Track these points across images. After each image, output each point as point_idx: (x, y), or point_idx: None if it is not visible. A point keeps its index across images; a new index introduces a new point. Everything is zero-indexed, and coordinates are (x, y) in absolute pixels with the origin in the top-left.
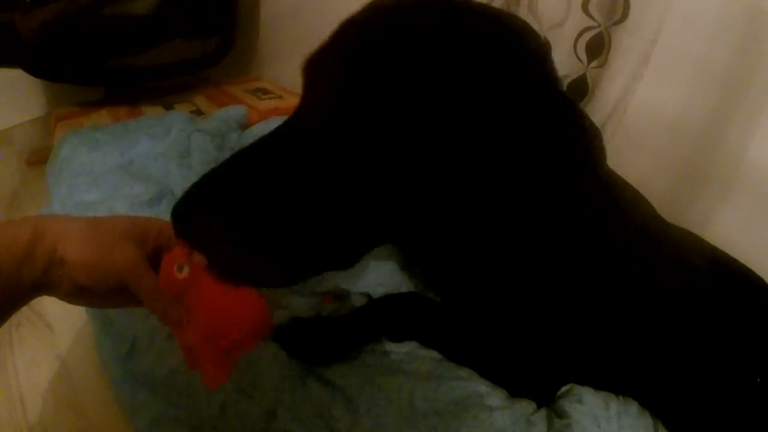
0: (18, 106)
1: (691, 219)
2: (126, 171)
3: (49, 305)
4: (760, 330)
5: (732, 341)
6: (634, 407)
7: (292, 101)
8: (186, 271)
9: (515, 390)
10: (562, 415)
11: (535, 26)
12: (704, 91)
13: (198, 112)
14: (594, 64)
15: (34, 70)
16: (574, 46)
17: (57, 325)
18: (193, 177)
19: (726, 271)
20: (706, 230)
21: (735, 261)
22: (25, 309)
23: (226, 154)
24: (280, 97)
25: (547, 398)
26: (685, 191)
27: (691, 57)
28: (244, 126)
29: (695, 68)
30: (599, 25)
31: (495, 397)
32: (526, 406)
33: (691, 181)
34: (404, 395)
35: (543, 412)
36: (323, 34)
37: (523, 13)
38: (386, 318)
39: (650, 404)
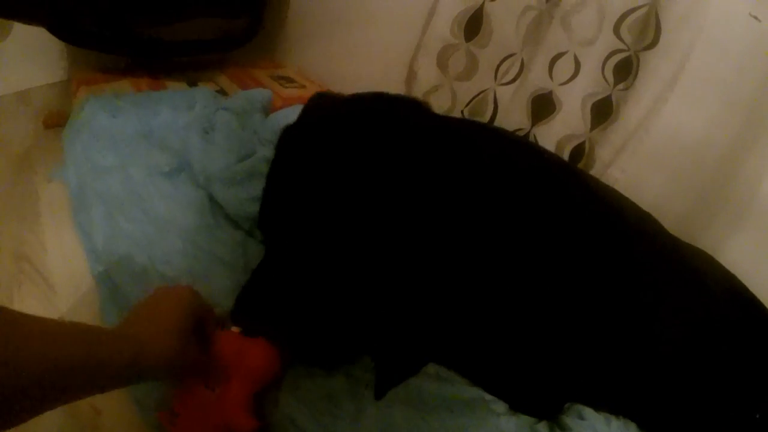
0: (39, 68)
1: (703, 244)
2: (146, 140)
3: (54, 266)
4: (764, 366)
5: (739, 373)
6: (633, 428)
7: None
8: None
9: (516, 405)
10: (564, 428)
11: (566, 42)
12: (728, 120)
13: (221, 92)
14: (620, 86)
15: (58, 30)
16: (602, 67)
17: (61, 287)
18: (215, 152)
19: (741, 300)
20: (717, 256)
21: (748, 290)
22: (29, 269)
23: (249, 134)
24: (303, 86)
25: (547, 415)
26: (700, 216)
27: (718, 85)
28: (268, 110)
29: (721, 97)
30: (628, 49)
31: (500, 404)
32: (528, 417)
33: (706, 207)
34: (412, 389)
35: (545, 423)
36: (352, 27)
37: (556, 29)
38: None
39: (649, 427)
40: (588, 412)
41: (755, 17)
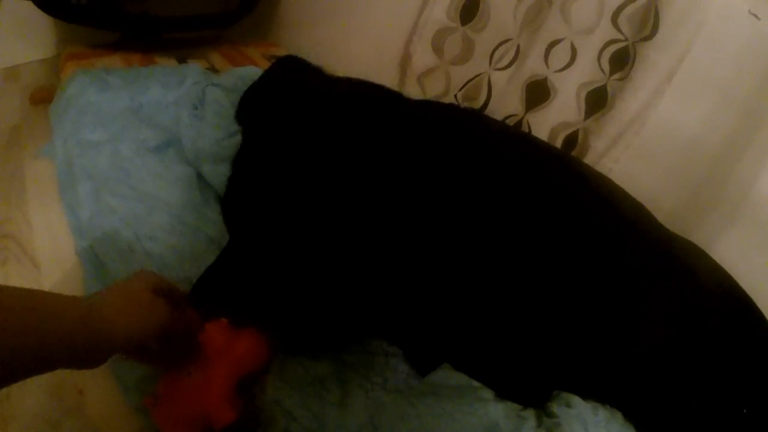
0: (28, 44)
1: (695, 240)
2: (135, 115)
3: (38, 244)
4: (752, 361)
5: (727, 367)
6: (619, 417)
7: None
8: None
9: (503, 391)
10: (551, 415)
11: (564, 29)
12: (724, 117)
13: (212, 69)
14: (616, 76)
15: (46, 4)
16: (599, 57)
17: (45, 264)
18: (205, 128)
19: (730, 294)
20: (708, 253)
21: (737, 284)
22: (13, 245)
23: None
24: None
25: (534, 402)
26: (692, 212)
27: (716, 82)
28: None
29: (718, 93)
30: (626, 40)
31: (487, 391)
32: (515, 403)
33: (699, 203)
34: (400, 375)
35: (532, 410)
36: (347, 8)
37: (554, 16)
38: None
39: (635, 418)
40: (575, 400)
41: (755, 15)
